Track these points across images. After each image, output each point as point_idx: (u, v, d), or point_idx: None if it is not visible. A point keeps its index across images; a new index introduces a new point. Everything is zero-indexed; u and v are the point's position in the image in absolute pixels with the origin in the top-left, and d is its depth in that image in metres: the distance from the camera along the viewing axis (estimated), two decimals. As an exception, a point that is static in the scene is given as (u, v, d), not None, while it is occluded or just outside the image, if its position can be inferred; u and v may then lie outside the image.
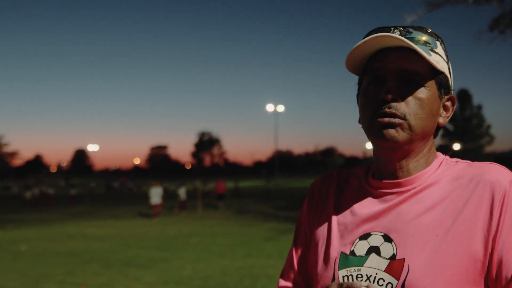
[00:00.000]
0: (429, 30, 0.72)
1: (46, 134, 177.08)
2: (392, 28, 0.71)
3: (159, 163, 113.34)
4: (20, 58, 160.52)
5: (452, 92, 0.76)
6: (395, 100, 0.68)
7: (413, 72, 0.69)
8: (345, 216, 0.76)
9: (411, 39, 0.70)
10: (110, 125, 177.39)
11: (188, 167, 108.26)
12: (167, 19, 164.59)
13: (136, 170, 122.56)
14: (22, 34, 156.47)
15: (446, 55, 0.75)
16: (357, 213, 0.75)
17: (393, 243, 0.68)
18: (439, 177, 0.71)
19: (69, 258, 7.69)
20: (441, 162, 0.74)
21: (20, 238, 10.75)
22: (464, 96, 45.37)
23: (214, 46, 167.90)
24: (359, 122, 0.75)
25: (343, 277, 0.71)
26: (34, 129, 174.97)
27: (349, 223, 0.75)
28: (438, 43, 0.72)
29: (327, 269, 0.74)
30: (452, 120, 45.78)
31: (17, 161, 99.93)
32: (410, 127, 0.69)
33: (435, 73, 0.71)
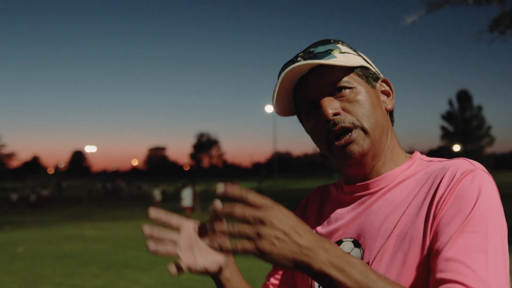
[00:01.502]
0: (327, 39, 0.74)
1: (43, 135, 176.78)
2: (294, 58, 0.73)
3: (157, 165, 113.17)
4: (17, 59, 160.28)
5: (381, 75, 0.77)
6: (337, 114, 0.69)
7: (336, 82, 0.70)
8: (323, 226, 0.77)
9: (315, 55, 0.71)
10: (108, 126, 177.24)
11: (187, 168, 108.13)
12: (165, 21, 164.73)
13: (134, 171, 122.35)
14: (20, 35, 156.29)
15: (354, 50, 0.76)
16: (332, 222, 0.76)
17: (361, 248, 0.69)
18: (409, 176, 0.71)
19: (67, 260, 7.65)
20: (414, 162, 0.73)
21: (18, 240, 10.68)
22: (464, 97, 45.31)
23: (212, 47, 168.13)
24: (319, 148, 0.75)
25: (318, 286, 0.72)
26: (32, 130, 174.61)
27: (325, 233, 0.76)
28: (339, 45, 0.74)
29: (304, 280, 0.75)
30: (452, 121, 45.68)
31: (14, 163, 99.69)
32: (365, 131, 0.69)
33: (352, 70, 0.72)
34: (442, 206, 0.62)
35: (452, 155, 42.40)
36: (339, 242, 0.72)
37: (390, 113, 0.78)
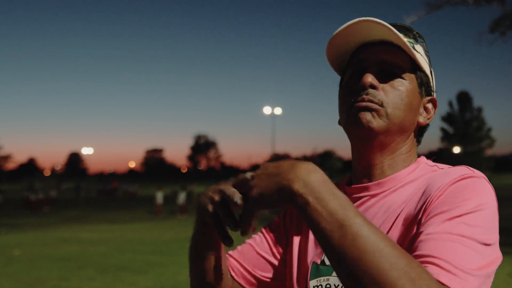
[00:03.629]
0: (415, 31, 0.73)
1: (39, 137, 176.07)
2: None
3: (155, 167, 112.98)
4: (13, 61, 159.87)
5: (434, 94, 0.75)
6: (373, 87, 0.68)
7: (394, 64, 0.69)
8: None
9: (398, 30, 0.69)
10: (105, 128, 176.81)
11: (184, 170, 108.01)
12: (162, 22, 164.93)
13: (131, 173, 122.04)
14: (16, 36, 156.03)
15: (428, 58, 0.75)
16: None
17: None
18: (411, 180, 0.69)
19: (63, 263, 7.61)
20: (418, 166, 0.71)
21: (13, 243, 10.61)
22: (464, 98, 45.32)
23: (210, 48, 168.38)
24: (339, 123, 0.73)
25: (313, 287, 0.70)
26: (28, 132, 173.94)
27: None
28: (420, 45, 0.72)
29: (300, 280, 0.73)
30: (452, 123, 45.69)
31: (10, 165, 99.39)
32: (387, 114, 0.67)
33: (416, 70, 0.71)
34: (433, 201, 0.59)
35: (452, 157, 42.21)
36: None
37: (421, 131, 0.75)
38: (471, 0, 10.79)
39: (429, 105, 0.74)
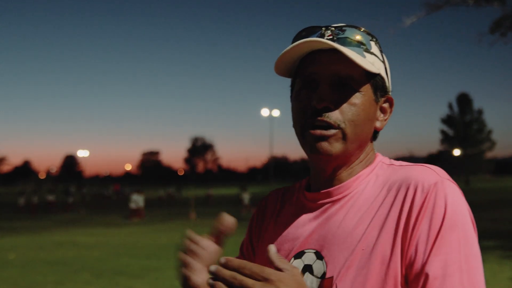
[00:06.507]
0: (362, 29, 0.69)
1: (35, 140, 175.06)
2: (323, 28, 0.69)
3: (151, 169, 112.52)
4: (8, 62, 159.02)
5: (390, 92, 0.73)
6: (328, 108, 0.66)
7: (347, 77, 0.66)
8: (283, 234, 0.74)
9: (344, 39, 0.67)
10: (101, 131, 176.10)
11: (181, 173, 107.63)
12: (159, 24, 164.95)
13: (127, 176, 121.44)
14: (11, 39, 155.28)
15: (382, 55, 0.72)
16: (292, 230, 0.73)
17: (323, 260, 0.66)
18: (370, 183, 0.69)
19: (59, 267, 7.55)
20: (375, 167, 0.71)
21: (8, 246, 10.52)
22: (464, 100, 45.07)
23: (207, 50, 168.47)
24: (293, 127, 0.72)
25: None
26: (23, 135, 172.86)
27: (285, 241, 0.73)
28: (372, 42, 0.70)
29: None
30: (452, 125, 45.43)
31: (5, 167, 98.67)
32: (344, 136, 0.66)
33: (370, 76, 0.68)
34: (414, 227, 0.61)
35: (452, 159, 41.97)
36: (301, 253, 0.69)
37: (376, 133, 0.74)
38: (471, 0, 10.76)
39: (386, 105, 0.73)
